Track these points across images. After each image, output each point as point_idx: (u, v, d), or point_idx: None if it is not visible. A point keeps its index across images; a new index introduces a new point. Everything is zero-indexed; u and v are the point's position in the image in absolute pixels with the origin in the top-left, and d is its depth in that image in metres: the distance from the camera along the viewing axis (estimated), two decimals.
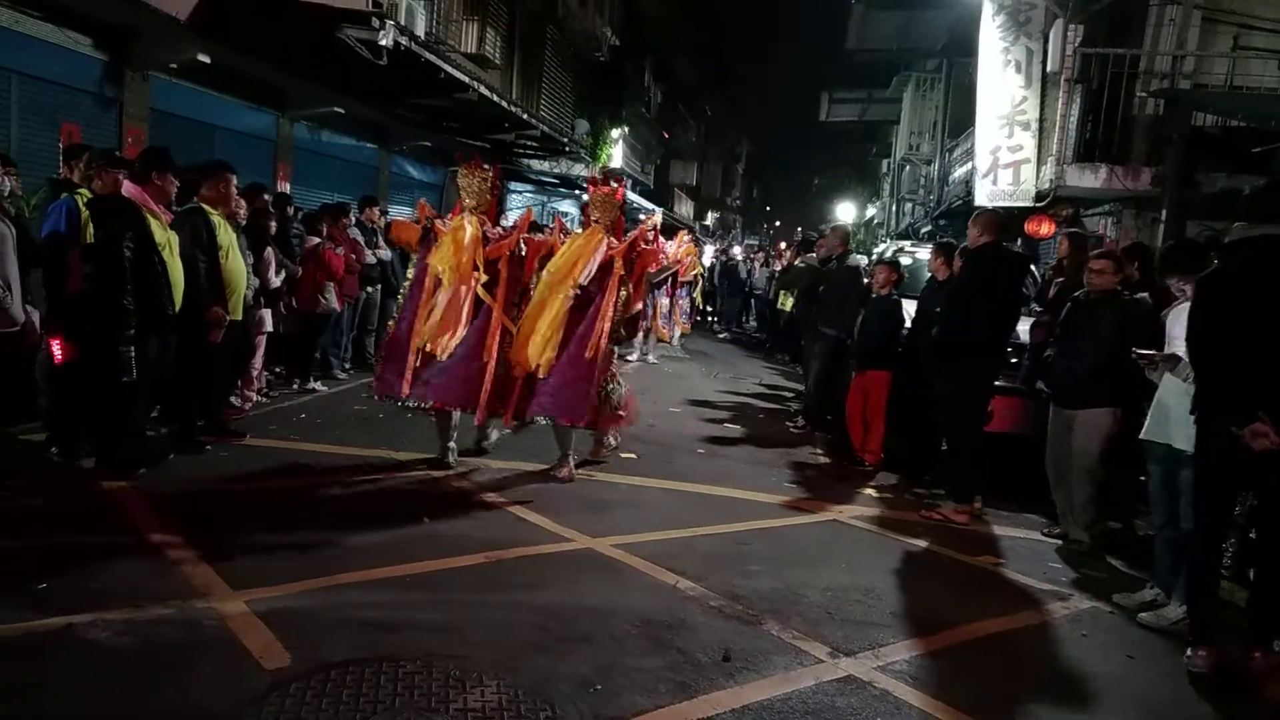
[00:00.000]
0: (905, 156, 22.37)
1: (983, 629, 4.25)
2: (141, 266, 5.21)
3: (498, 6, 15.75)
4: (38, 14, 7.42)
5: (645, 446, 7.44)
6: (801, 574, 4.72)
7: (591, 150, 19.66)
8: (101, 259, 5.09)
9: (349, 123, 12.90)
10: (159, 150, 5.91)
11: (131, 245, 5.16)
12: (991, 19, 10.72)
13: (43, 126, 7.67)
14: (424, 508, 5.27)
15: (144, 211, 5.32)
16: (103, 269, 5.08)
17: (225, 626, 3.51)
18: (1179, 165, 9.40)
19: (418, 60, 9.49)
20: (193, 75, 9.21)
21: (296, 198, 10.77)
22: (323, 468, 5.95)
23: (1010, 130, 10.67)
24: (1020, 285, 6.50)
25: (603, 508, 5.66)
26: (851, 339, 8.21)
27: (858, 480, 7.04)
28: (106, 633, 3.36)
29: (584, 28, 19.60)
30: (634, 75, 24.61)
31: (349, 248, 8.92)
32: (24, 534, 4.31)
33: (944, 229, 16.56)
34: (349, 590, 3.98)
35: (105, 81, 8.31)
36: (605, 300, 5.93)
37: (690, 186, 38.85)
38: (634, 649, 3.65)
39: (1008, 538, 5.84)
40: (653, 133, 27.96)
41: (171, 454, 5.79)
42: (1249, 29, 9.86)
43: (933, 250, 7.58)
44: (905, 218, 23.25)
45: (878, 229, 29.84)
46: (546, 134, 15.49)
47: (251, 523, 4.79)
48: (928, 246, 9.64)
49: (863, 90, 26.35)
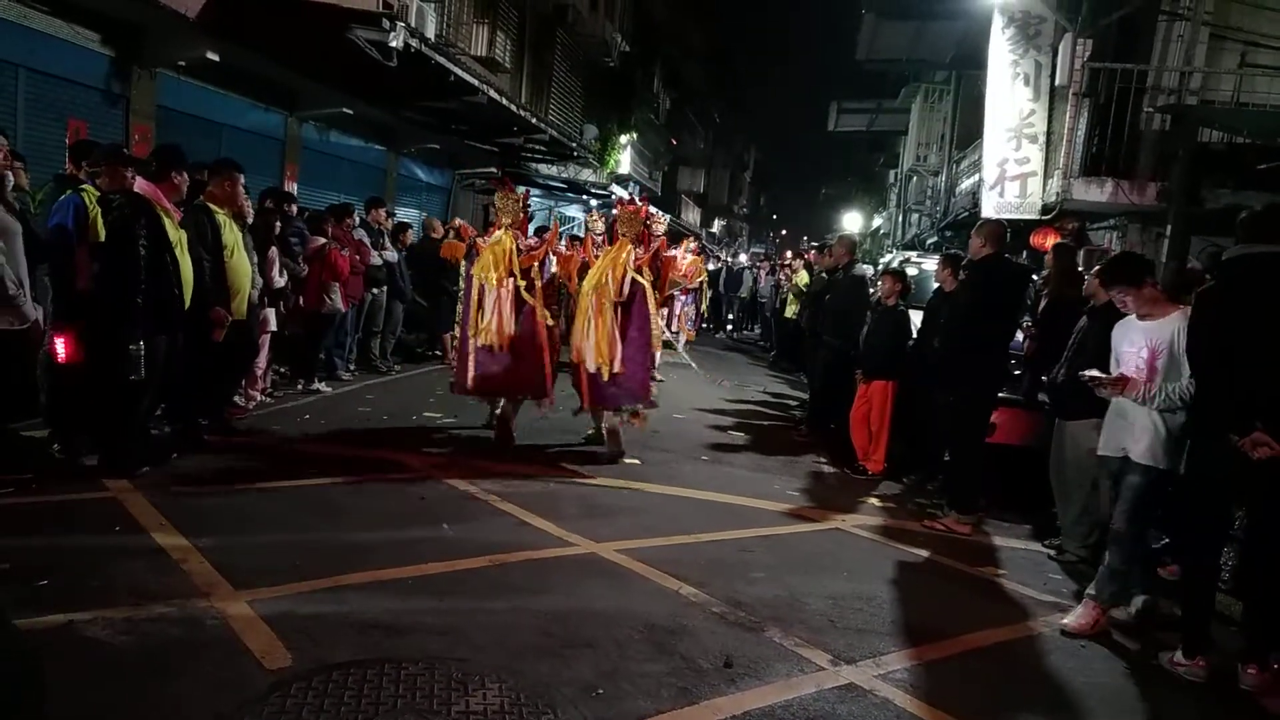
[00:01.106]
0: (912, 167, 22.37)
1: (983, 639, 4.25)
2: (155, 264, 5.23)
3: (508, 10, 15.79)
4: (46, 9, 7.42)
5: (650, 453, 7.44)
6: (804, 581, 4.71)
7: (599, 155, 19.68)
8: (114, 256, 5.09)
9: (357, 124, 12.93)
10: (175, 148, 5.91)
11: (146, 243, 5.17)
12: (1001, 32, 10.73)
13: (49, 122, 7.67)
14: (430, 511, 5.29)
15: (158, 209, 5.33)
16: (114, 266, 5.08)
17: (227, 626, 3.51)
18: (1184, 180, 9.40)
19: (427, 62, 9.51)
20: (201, 73, 9.22)
21: (304, 198, 10.79)
22: (326, 469, 5.95)
23: (1018, 143, 10.68)
24: (1021, 296, 6.52)
25: (607, 513, 5.65)
26: (856, 348, 8.21)
27: (861, 489, 7.03)
28: (107, 631, 3.36)
29: (594, 33, 19.64)
30: (643, 81, 24.65)
31: (354, 249, 8.95)
32: (25, 531, 4.31)
33: (950, 240, 16.56)
34: (352, 592, 3.98)
35: (113, 78, 8.31)
36: (646, 303, 7.00)
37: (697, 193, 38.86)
38: (637, 654, 3.65)
39: (1009, 548, 5.83)
40: (661, 139, 28.01)
41: (175, 453, 5.79)
42: (1256, 46, 9.87)
43: (940, 261, 7.58)
44: (911, 228, 23.25)
45: (884, 239, 29.86)
46: (555, 138, 15.51)
47: (254, 523, 4.80)
48: (934, 257, 9.63)
49: (871, 100, 26.37)
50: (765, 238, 66.29)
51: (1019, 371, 6.82)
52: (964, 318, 6.09)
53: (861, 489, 7.04)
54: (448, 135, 14.74)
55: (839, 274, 8.91)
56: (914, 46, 17.98)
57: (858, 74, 24.93)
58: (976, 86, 14.21)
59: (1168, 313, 4.48)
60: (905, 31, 17.38)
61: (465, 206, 17.68)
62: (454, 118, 13.35)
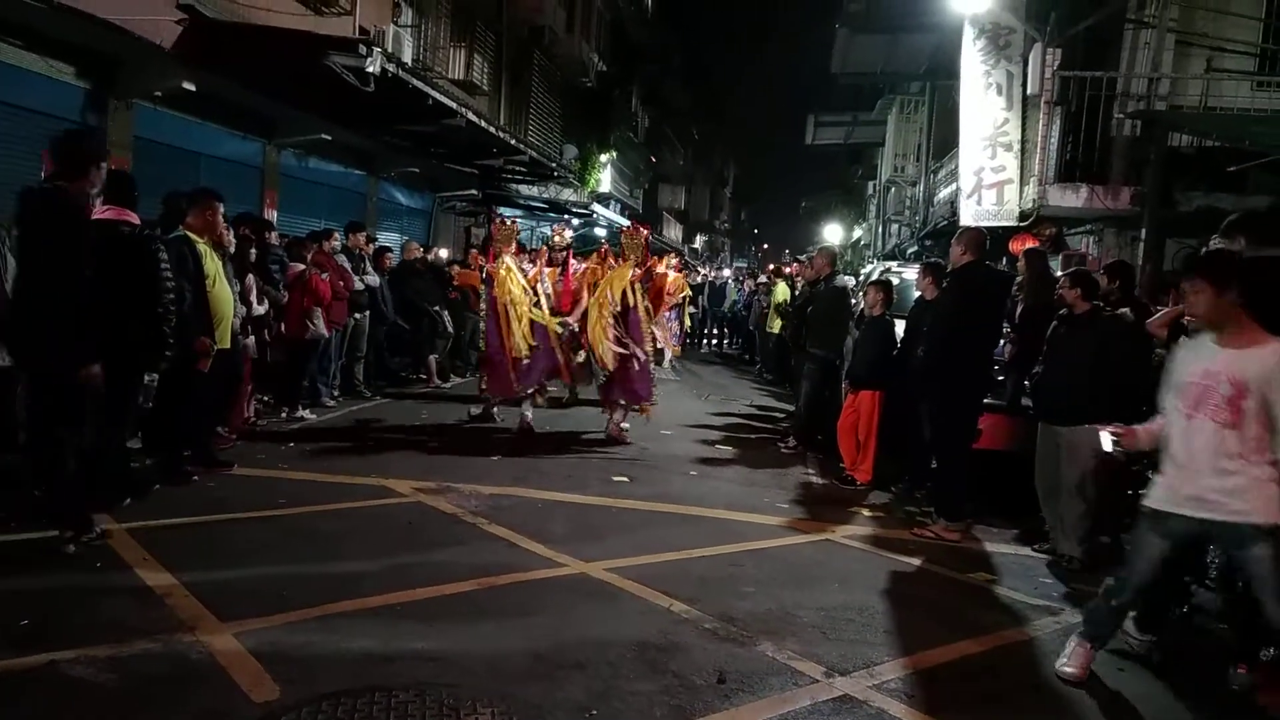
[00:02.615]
0: (891, 178, 22.54)
1: (976, 645, 4.24)
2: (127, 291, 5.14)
3: (484, 33, 15.90)
4: (19, 43, 7.38)
5: (638, 469, 7.42)
6: (795, 594, 4.70)
7: (580, 175, 19.75)
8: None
9: (336, 149, 12.92)
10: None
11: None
12: (972, 43, 10.86)
13: (23, 156, 7.59)
14: (418, 536, 5.26)
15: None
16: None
17: (213, 659, 3.47)
18: (1157, 184, 9.52)
19: (405, 87, 9.53)
20: (178, 103, 9.19)
21: (284, 225, 10.76)
22: (312, 496, 5.90)
23: (993, 151, 10.79)
24: (1003, 303, 6.56)
25: (596, 532, 5.63)
26: (840, 359, 8.23)
27: (850, 499, 7.04)
28: (90, 669, 3.31)
29: (571, 54, 19.79)
30: (621, 100, 24.82)
31: (335, 274, 8.92)
32: (4, 570, 4.23)
33: (930, 249, 16.67)
34: (339, 620, 3.94)
35: (88, 110, 8.26)
36: (639, 315, 8.38)
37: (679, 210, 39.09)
38: (629, 673, 3.62)
39: (999, 554, 5.84)
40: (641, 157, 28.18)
41: (157, 485, 5.74)
42: (1221, 51, 10.03)
43: (920, 270, 7.63)
44: (892, 239, 23.41)
45: (864, 250, 30.04)
46: (535, 159, 15.54)
47: (239, 553, 4.75)
48: (914, 267, 9.70)
49: (848, 113, 26.58)
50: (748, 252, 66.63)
51: (1001, 377, 6.87)
52: (947, 325, 6.11)
53: (850, 499, 7.05)
54: (427, 159, 14.75)
55: (820, 285, 8.95)
56: (888, 59, 18.19)
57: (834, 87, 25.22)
58: (950, 97, 14.35)
59: (1262, 342, 3.55)
60: (879, 44, 17.59)
61: (446, 229, 17.69)
62: (433, 141, 13.37)
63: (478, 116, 11.97)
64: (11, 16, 6.94)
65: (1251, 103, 9.77)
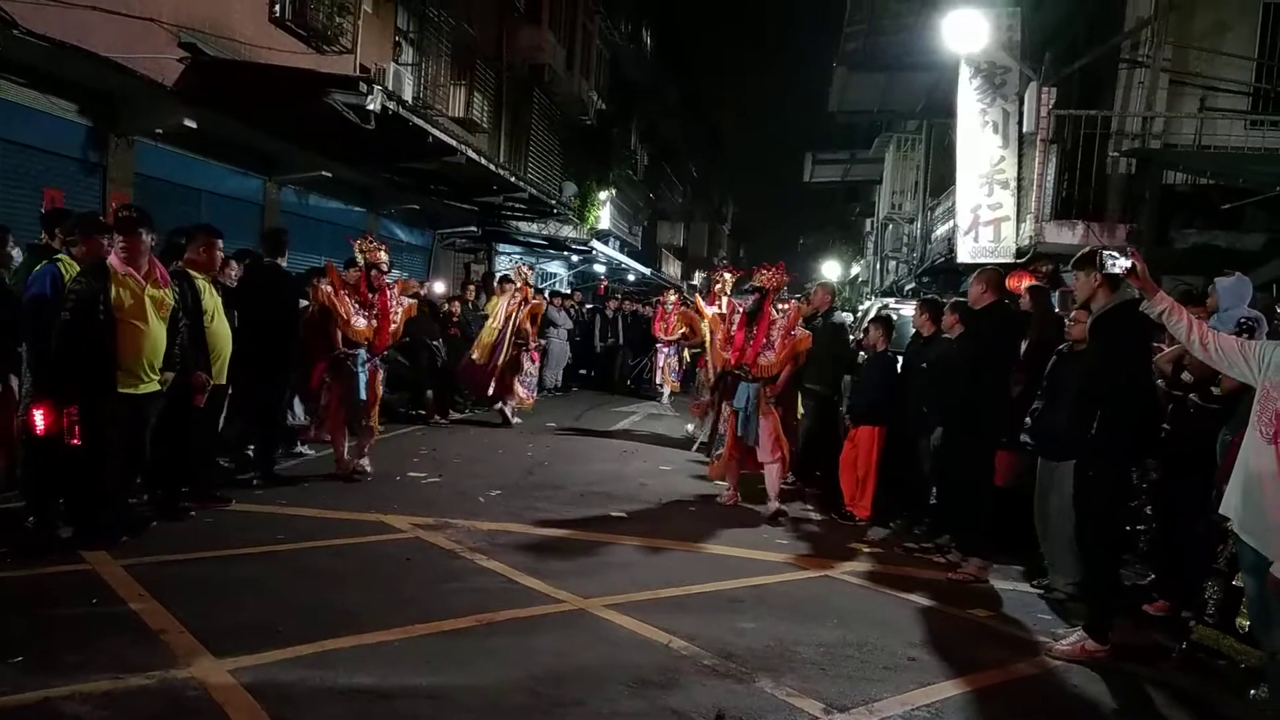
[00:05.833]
0: (888, 215, 22.71)
1: (975, 681, 4.20)
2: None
3: (484, 72, 16.10)
4: (22, 80, 7.47)
5: (637, 505, 7.40)
6: (794, 630, 4.67)
7: (579, 212, 19.89)
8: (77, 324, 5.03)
9: (337, 186, 13.02)
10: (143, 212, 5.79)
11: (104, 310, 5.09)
12: (969, 82, 11.00)
13: (25, 193, 7.65)
14: (416, 572, 5.22)
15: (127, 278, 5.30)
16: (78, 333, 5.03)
17: (209, 696, 3.43)
18: (1152, 221, 9.62)
19: (405, 124, 9.63)
20: (179, 140, 9.27)
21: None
22: (310, 532, 5.88)
23: (990, 189, 10.88)
24: (1020, 342, 6.49)
25: (594, 568, 5.60)
26: (838, 394, 8.21)
27: (849, 535, 7.00)
28: (85, 706, 3.28)
29: (571, 92, 20.01)
30: (621, 138, 25.06)
31: None
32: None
33: (928, 286, 16.76)
34: (337, 657, 3.90)
35: (89, 147, 8.34)
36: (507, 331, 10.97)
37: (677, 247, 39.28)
38: (627, 710, 3.59)
39: (999, 590, 5.79)
40: (640, 194, 28.37)
41: (155, 521, 5.71)
42: (1214, 90, 10.17)
43: (918, 306, 7.65)
44: (889, 275, 23.53)
45: (863, 286, 30.18)
46: (534, 196, 15.66)
47: (236, 589, 4.72)
48: (911, 303, 9.74)
49: (845, 151, 26.88)
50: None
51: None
52: (973, 366, 5.96)
53: (849, 535, 7.01)
54: (427, 196, 14.86)
55: (818, 320, 8.97)
56: (885, 97, 18.40)
57: (831, 125, 25.51)
58: (947, 135, 14.52)
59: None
60: (876, 83, 17.79)
61: (446, 266, 17.76)
62: (433, 178, 13.50)
63: (478, 154, 12.10)
64: (15, 55, 7.02)
65: (1245, 141, 9.89)
